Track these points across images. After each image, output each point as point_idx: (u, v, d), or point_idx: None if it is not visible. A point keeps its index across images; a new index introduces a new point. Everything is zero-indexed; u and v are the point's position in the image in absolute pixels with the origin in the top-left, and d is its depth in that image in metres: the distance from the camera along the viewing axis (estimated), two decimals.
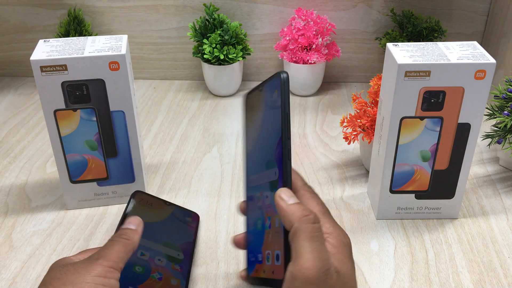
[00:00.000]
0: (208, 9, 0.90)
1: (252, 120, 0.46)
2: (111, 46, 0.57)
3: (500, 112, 0.66)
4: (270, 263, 0.40)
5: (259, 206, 0.43)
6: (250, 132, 0.46)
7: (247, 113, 0.47)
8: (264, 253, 0.41)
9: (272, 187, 0.41)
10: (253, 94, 0.46)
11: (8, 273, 0.54)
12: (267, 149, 0.42)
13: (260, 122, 0.44)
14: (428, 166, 0.58)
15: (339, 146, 0.78)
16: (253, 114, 0.46)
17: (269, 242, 0.41)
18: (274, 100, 0.41)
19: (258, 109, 0.45)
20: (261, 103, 0.44)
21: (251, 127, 0.46)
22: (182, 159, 0.75)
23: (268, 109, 0.43)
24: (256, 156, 0.45)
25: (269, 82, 0.43)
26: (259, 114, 0.44)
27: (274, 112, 0.41)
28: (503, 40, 0.89)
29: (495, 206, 0.65)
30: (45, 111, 0.57)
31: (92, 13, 0.96)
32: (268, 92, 0.43)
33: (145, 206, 0.56)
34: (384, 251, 0.57)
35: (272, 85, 0.42)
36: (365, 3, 0.93)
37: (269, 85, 0.43)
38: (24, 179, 0.71)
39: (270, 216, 0.41)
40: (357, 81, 1.01)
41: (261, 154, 0.43)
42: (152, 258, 0.50)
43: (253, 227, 0.44)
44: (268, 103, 0.43)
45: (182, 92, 0.97)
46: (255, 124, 0.45)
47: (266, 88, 0.43)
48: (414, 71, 0.52)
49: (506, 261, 0.56)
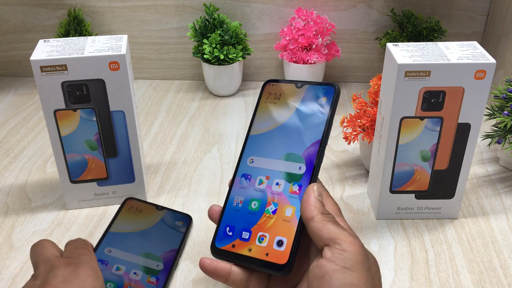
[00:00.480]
0: (208, 9, 0.90)
1: (272, 108, 0.48)
2: (111, 46, 0.57)
3: (500, 112, 0.66)
4: (264, 245, 0.42)
5: (259, 188, 0.45)
6: (264, 117, 0.48)
7: (266, 99, 0.49)
8: (255, 233, 0.43)
9: (291, 179, 0.44)
10: (284, 86, 0.48)
11: (8, 273, 0.54)
12: (293, 143, 0.45)
13: (287, 114, 0.47)
14: (428, 166, 0.58)
15: (339, 146, 0.78)
16: (275, 103, 0.48)
17: (269, 226, 0.43)
18: (319, 105, 0.46)
19: (286, 101, 0.47)
20: (295, 98, 0.47)
21: (267, 113, 0.48)
22: (182, 159, 0.75)
23: (306, 109, 0.46)
24: (269, 142, 0.47)
25: (316, 86, 0.46)
26: (288, 106, 0.47)
27: (314, 114, 0.46)
28: (503, 40, 0.89)
29: (495, 206, 0.65)
30: (45, 111, 0.57)
31: (92, 13, 0.96)
32: (312, 94, 0.46)
33: (132, 214, 0.58)
34: (384, 251, 0.57)
35: (320, 90, 0.46)
36: (365, 3, 0.93)
37: (315, 88, 0.47)
38: (24, 179, 0.71)
39: (277, 203, 0.44)
40: (357, 81, 1.01)
41: (280, 144, 0.46)
42: (127, 272, 0.51)
43: (243, 204, 0.45)
44: (308, 104, 0.46)
45: (182, 92, 0.97)
46: (276, 113, 0.47)
47: (309, 89, 0.47)
48: (414, 71, 0.52)
49: (506, 261, 0.56)
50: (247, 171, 0.47)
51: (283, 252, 0.42)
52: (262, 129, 0.48)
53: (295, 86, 0.48)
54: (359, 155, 0.75)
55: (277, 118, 0.47)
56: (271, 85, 0.49)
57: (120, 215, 0.58)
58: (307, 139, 0.45)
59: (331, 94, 0.46)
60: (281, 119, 0.47)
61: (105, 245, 0.54)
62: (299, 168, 0.44)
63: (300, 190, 0.44)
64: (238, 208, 0.45)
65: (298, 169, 0.44)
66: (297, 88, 0.47)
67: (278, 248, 0.42)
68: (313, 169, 0.44)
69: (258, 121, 0.48)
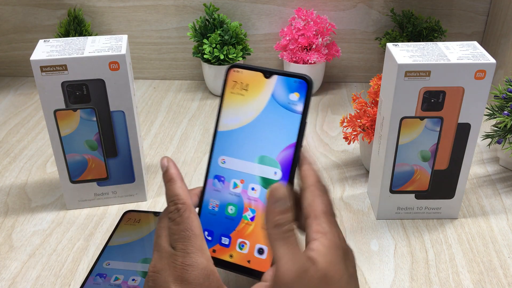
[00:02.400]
0: (208, 9, 0.90)
1: (239, 100, 0.44)
2: (111, 46, 0.57)
3: (500, 112, 0.66)
4: (245, 252, 0.42)
5: (234, 192, 0.43)
6: (232, 110, 0.44)
7: (231, 88, 0.44)
8: (234, 239, 0.42)
9: (267, 185, 0.42)
10: (250, 74, 0.43)
11: (8, 273, 0.54)
12: (266, 145, 0.42)
13: (256, 110, 0.43)
14: (428, 166, 0.58)
15: (339, 146, 0.78)
16: (242, 94, 0.44)
17: (249, 233, 0.42)
18: (290, 101, 0.41)
19: (255, 94, 0.43)
20: (265, 91, 0.43)
21: (234, 106, 0.44)
22: (182, 159, 0.75)
23: (276, 104, 0.42)
24: (240, 141, 0.43)
25: (286, 77, 0.42)
26: (257, 100, 0.43)
27: (287, 113, 0.41)
28: (503, 40, 0.89)
29: (495, 206, 0.65)
30: (45, 111, 0.57)
31: (92, 13, 0.96)
32: (282, 88, 0.42)
33: (131, 226, 0.59)
34: (384, 251, 0.57)
35: (291, 84, 0.42)
36: (365, 3, 0.93)
37: (285, 80, 0.42)
38: (24, 179, 0.71)
39: (255, 210, 0.42)
40: (357, 81, 1.01)
41: (253, 145, 0.43)
42: (125, 281, 0.51)
43: (219, 208, 0.43)
44: (278, 99, 0.42)
45: (182, 92, 0.97)
46: (245, 107, 0.43)
47: (279, 81, 0.42)
48: (414, 71, 0.52)
49: (506, 261, 0.56)
50: (220, 173, 0.44)
51: (265, 260, 0.41)
52: (231, 125, 0.44)
53: (264, 76, 0.43)
54: (359, 155, 0.75)
55: (246, 113, 0.43)
56: (236, 71, 0.43)
57: (118, 229, 0.58)
58: (281, 141, 0.42)
59: (303, 90, 0.41)
60: (250, 115, 0.43)
61: (103, 259, 0.54)
62: (275, 173, 0.42)
63: None
64: (214, 212, 0.44)
65: (273, 174, 0.42)
66: (266, 79, 0.43)
67: (260, 256, 0.41)
68: (289, 174, 0.41)
69: (226, 115, 0.44)
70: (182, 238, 0.39)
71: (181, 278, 0.37)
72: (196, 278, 0.37)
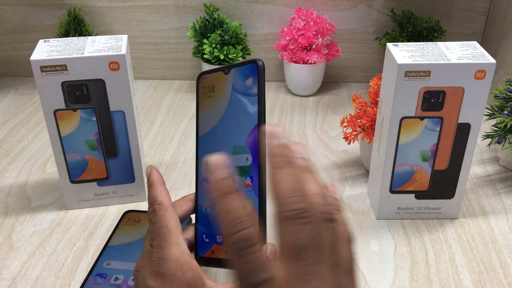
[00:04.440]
0: (208, 9, 0.90)
1: (209, 102, 0.46)
2: (111, 46, 0.57)
3: (500, 112, 0.66)
4: None
5: None
6: (206, 114, 0.46)
7: (203, 94, 0.46)
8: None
9: (243, 173, 0.42)
10: (213, 76, 0.45)
11: (8, 273, 0.54)
12: (235, 135, 0.43)
13: (223, 106, 0.44)
14: (428, 166, 0.58)
15: (339, 146, 0.78)
16: (211, 96, 0.46)
17: None
18: (247, 87, 0.42)
19: (220, 92, 0.45)
20: (226, 86, 0.44)
21: (207, 109, 0.46)
22: (182, 159, 0.75)
23: (236, 94, 0.43)
24: (216, 139, 0.45)
25: (240, 67, 0.43)
26: (222, 97, 0.44)
27: (246, 98, 0.42)
28: (503, 40, 0.89)
29: (495, 206, 0.65)
30: (45, 111, 0.57)
31: (92, 13, 0.96)
32: (238, 78, 0.43)
33: (131, 226, 0.59)
34: (384, 251, 0.57)
35: (245, 71, 0.43)
36: (365, 3, 0.93)
37: (239, 71, 0.43)
38: (24, 179, 0.71)
39: None
40: (357, 81, 1.01)
41: (226, 139, 0.44)
42: (125, 281, 0.51)
43: (210, 209, 0.45)
44: (237, 89, 0.43)
45: (182, 92, 0.97)
46: (215, 107, 0.45)
47: (235, 73, 0.43)
48: (414, 71, 0.52)
49: (506, 261, 0.56)
50: (206, 175, 0.45)
51: None
52: (207, 127, 0.45)
53: (223, 73, 0.44)
54: (359, 155, 0.75)
55: (216, 112, 0.45)
56: (204, 78, 0.46)
57: (118, 229, 0.58)
58: (246, 127, 0.42)
59: (255, 72, 0.42)
60: (219, 113, 0.44)
61: (103, 259, 0.54)
62: (246, 159, 0.42)
63: (252, 182, 0.42)
64: (207, 213, 0.45)
65: (245, 161, 0.42)
66: (225, 75, 0.44)
67: None
68: (258, 156, 0.41)
69: (202, 120, 0.46)
70: (158, 235, 0.41)
71: (157, 272, 0.39)
72: (169, 270, 0.38)
